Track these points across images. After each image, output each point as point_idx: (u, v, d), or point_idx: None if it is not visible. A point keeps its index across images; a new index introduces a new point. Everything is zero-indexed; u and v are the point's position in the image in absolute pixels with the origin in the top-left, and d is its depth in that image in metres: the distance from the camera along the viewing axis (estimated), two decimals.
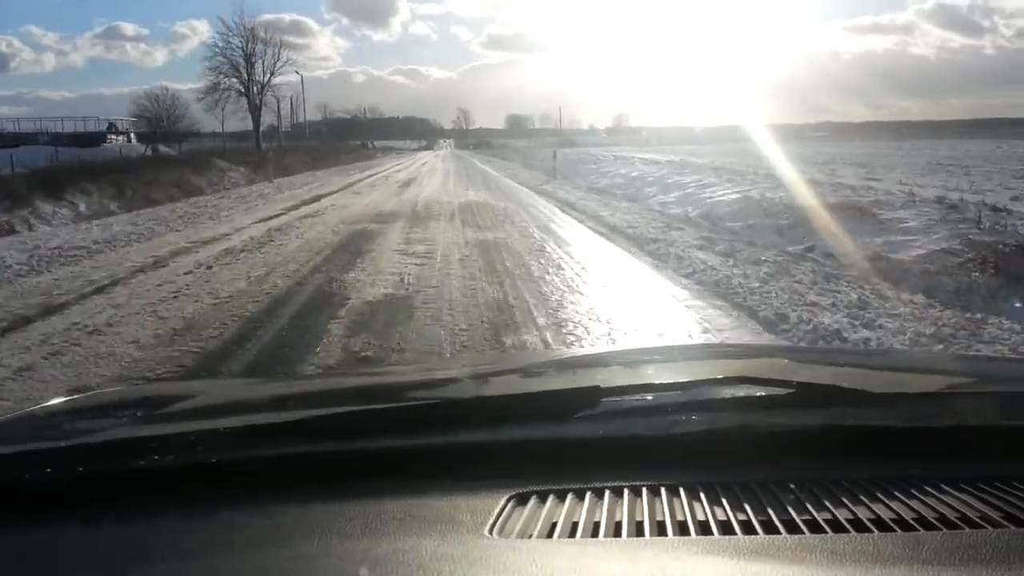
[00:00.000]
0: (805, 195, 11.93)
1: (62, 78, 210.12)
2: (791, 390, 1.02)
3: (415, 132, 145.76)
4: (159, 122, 53.91)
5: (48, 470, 0.87)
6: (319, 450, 0.91)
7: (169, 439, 0.95)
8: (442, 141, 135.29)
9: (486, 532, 0.74)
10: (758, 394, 1.03)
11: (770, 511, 0.77)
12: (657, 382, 1.13)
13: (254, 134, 51.83)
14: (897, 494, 0.81)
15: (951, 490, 0.82)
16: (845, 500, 0.79)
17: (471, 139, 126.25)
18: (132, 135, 48.89)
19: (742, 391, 1.05)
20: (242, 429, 0.98)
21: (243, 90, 49.77)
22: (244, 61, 49.46)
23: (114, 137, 45.76)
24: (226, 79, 49.37)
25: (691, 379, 1.14)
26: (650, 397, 1.05)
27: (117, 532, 0.78)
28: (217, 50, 49.65)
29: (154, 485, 0.86)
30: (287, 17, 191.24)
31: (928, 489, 0.82)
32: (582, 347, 4.93)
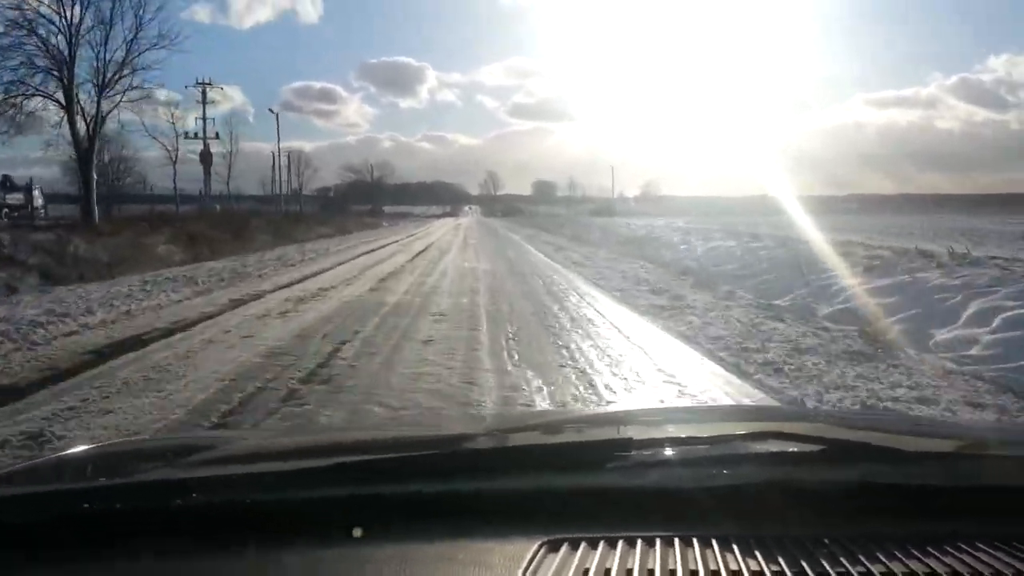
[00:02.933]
0: None
1: None
2: (823, 447, 1.01)
3: (441, 197, 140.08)
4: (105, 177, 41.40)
5: (71, 510, 0.85)
6: (355, 493, 0.88)
7: (202, 482, 0.92)
8: (467, 207, 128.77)
9: None
10: (790, 450, 1.01)
11: (804, 564, 0.75)
12: (689, 435, 1.11)
13: (205, 192, 40.73)
14: (931, 550, 0.78)
15: (986, 548, 0.80)
16: (880, 555, 0.77)
17: (499, 205, 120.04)
18: (37, 192, 35.84)
19: (774, 446, 1.02)
20: (277, 473, 0.96)
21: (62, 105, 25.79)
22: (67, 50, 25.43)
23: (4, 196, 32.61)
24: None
25: (724, 433, 1.12)
26: (682, 449, 1.03)
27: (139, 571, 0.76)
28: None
29: (188, 528, 0.84)
30: (316, 84, 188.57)
31: (962, 546, 0.80)
32: (613, 404, 4.62)
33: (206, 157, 42.13)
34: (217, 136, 43.41)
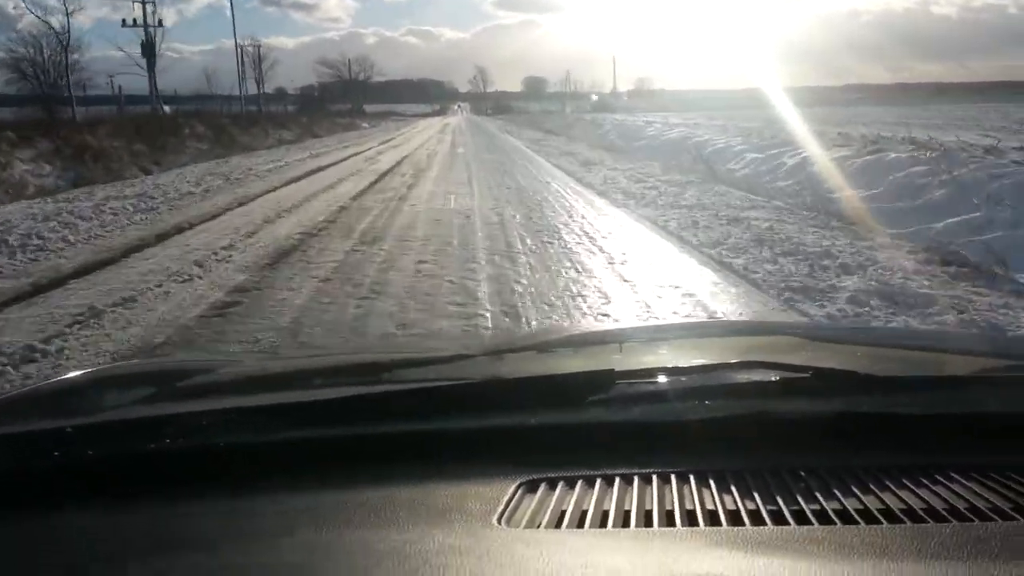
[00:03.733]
0: None
1: None
2: (806, 375, 0.99)
3: (429, 95, 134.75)
4: (40, 77, 36.01)
5: (53, 453, 0.83)
6: (326, 435, 0.88)
7: (176, 420, 0.92)
8: (456, 105, 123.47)
9: (494, 521, 0.71)
10: (772, 379, 0.99)
11: (779, 500, 0.74)
12: (672, 365, 1.09)
13: (153, 96, 33.73)
14: (908, 483, 0.77)
15: (963, 480, 0.78)
16: (855, 489, 0.76)
17: (488, 103, 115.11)
18: None
19: (756, 376, 1.01)
20: (250, 411, 0.95)
21: None
22: None
23: None
24: None
25: (706, 363, 1.11)
26: (664, 381, 1.01)
27: (122, 517, 0.76)
28: None
29: (160, 468, 0.83)
30: None
31: (939, 479, 0.78)
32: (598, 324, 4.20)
33: (148, 49, 34.19)
34: (161, 24, 35.44)
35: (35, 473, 0.82)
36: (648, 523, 0.71)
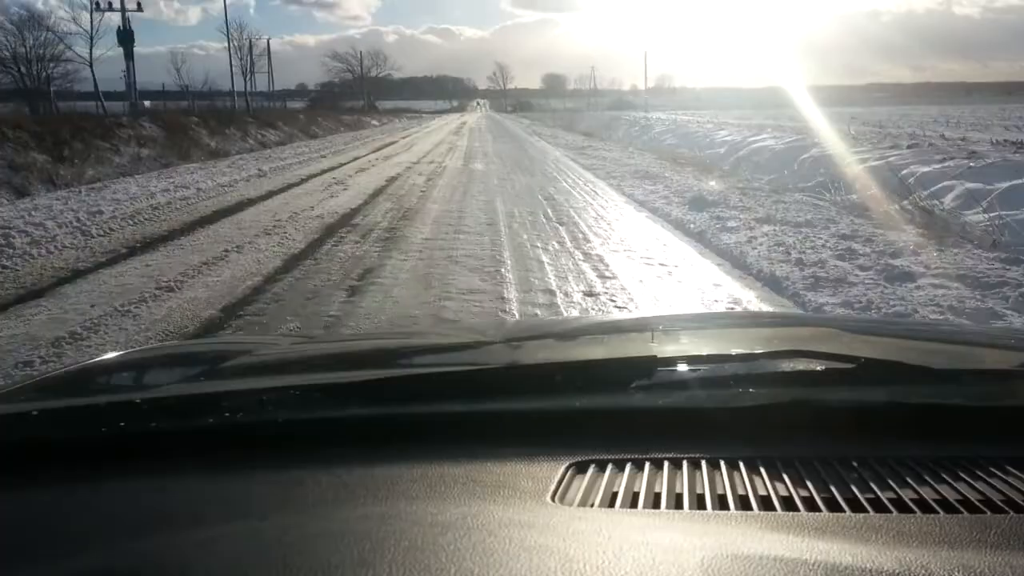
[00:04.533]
0: None
1: None
2: (852, 365, 0.98)
3: (448, 92, 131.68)
4: (22, 69, 33.49)
5: (110, 425, 0.85)
6: (383, 412, 0.89)
7: (238, 396, 0.93)
8: (476, 102, 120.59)
9: (548, 499, 0.71)
10: (818, 368, 0.98)
11: (832, 488, 0.73)
12: (713, 353, 1.10)
13: (130, 92, 28.49)
14: (962, 475, 0.76)
15: (1017, 472, 0.77)
16: (909, 480, 0.75)
17: (508, 100, 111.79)
18: None
19: (801, 365, 1.00)
20: (310, 388, 0.97)
21: None
22: None
23: None
24: None
25: (749, 351, 1.10)
26: (707, 368, 1.01)
27: (185, 489, 0.76)
28: None
29: (222, 443, 0.85)
30: None
31: (993, 470, 0.77)
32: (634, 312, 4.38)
33: (125, 37, 28.80)
34: (139, 7, 30.40)
35: (84, 446, 0.83)
36: (701, 506, 0.71)
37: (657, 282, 5.33)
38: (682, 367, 1.00)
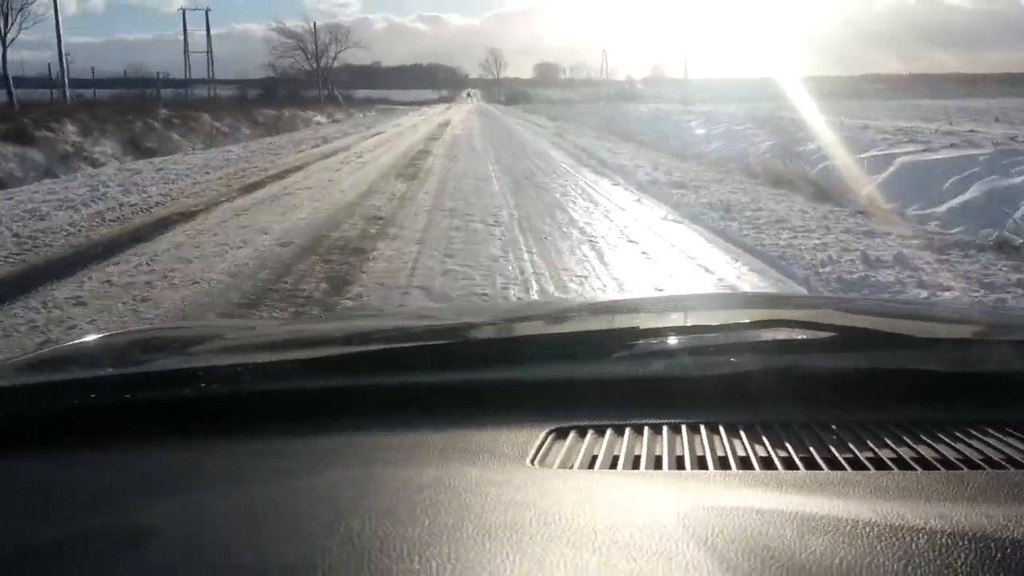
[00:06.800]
0: None
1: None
2: (833, 333, 1.00)
3: (439, 81, 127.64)
4: None
5: (90, 397, 0.85)
6: (362, 384, 0.89)
7: (215, 370, 0.92)
8: (466, 92, 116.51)
9: (527, 463, 0.71)
10: (798, 337, 0.99)
11: (811, 449, 0.74)
12: (695, 324, 1.10)
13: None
14: (941, 436, 0.77)
15: (996, 433, 0.77)
16: (888, 440, 0.75)
17: (501, 90, 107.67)
18: None
19: (782, 334, 1.00)
20: (287, 363, 0.96)
21: None
22: None
23: None
24: None
25: (731, 322, 1.10)
26: (689, 339, 1.01)
27: (161, 460, 0.76)
28: None
29: (201, 415, 0.84)
30: None
31: (972, 432, 0.77)
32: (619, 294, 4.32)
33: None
34: None
35: (60, 420, 0.83)
36: (680, 467, 0.71)
37: None
38: (664, 338, 1.01)
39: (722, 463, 0.71)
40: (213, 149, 17.97)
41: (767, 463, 0.71)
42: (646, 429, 0.79)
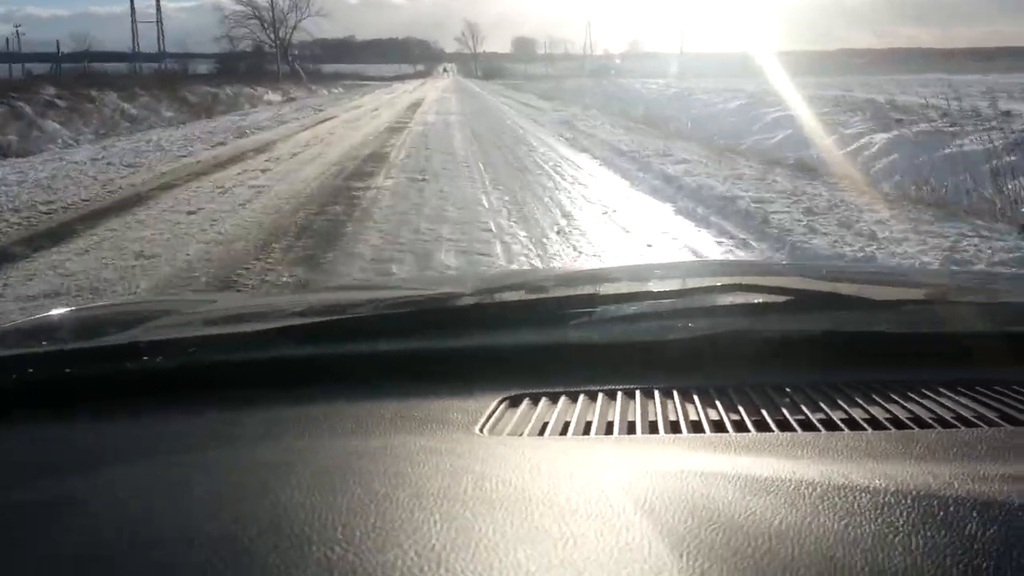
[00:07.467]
0: None
1: None
2: (790, 296, 1.00)
3: (415, 55, 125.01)
4: None
5: (54, 370, 0.86)
6: (314, 353, 0.88)
7: (162, 344, 0.92)
8: (442, 67, 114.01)
9: (476, 430, 0.71)
10: (756, 300, 0.99)
11: (763, 412, 0.74)
12: (652, 290, 1.09)
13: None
14: (893, 396, 0.77)
15: (948, 393, 0.78)
16: (840, 402, 0.76)
17: (478, 64, 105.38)
18: None
19: (740, 298, 1.00)
20: (240, 335, 0.96)
21: None
22: None
23: None
24: None
25: (687, 287, 1.11)
26: (646, 304, 1.01)
27: (102, 431, 0.78)
28: None
29: (156, 387, 0.85)
30: None
31: (925, 392, 0.78)
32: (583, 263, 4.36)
33: None
34: None
35: (25, 390, 0.84)
36: (631, 432, 0.71)
37: None
38: (620, 304, 1.00)
39: (673, 427, 0.71)
40: (201, 122, 15.53)
41: (718, 426, 0.71)
42: (600, 396, 0.78)
